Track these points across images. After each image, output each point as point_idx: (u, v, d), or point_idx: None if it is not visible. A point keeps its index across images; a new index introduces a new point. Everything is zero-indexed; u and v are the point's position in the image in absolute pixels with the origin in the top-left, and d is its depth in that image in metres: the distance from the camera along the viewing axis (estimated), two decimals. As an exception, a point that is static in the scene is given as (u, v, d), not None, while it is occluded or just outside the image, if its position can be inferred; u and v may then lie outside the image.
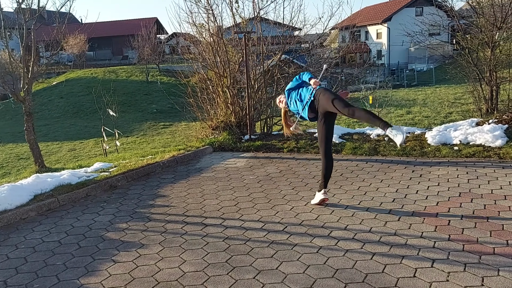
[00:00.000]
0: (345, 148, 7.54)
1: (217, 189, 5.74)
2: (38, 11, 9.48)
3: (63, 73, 46.66)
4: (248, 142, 8.30)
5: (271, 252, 3.81)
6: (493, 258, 3.52)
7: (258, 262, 3.63)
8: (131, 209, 5.11)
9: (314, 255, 3.71)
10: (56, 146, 20.27)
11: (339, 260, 3.60)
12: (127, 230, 4.48)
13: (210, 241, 4.09)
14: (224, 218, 4.68)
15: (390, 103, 15.59)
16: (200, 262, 3.68)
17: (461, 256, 3.57)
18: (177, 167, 7.02)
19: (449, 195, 5.07)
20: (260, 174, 6.40)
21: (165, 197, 5.50)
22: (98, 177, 6.11)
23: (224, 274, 3.46)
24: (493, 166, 6.11)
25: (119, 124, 25.41)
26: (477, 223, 4.23)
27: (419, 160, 6.72)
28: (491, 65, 8.22)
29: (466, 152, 6.76)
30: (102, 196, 5.70)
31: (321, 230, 4.24)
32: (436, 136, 7.36)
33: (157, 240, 4.18)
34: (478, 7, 8.41)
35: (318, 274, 3.39)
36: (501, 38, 8.06)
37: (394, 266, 3.45)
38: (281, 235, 4.16)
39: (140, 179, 6.43)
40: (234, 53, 9.03)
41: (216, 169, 6.82)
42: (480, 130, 7.26)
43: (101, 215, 4.96)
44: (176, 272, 3.53)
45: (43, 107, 33.37)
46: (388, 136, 4.22)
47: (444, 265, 3.44)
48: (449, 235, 4.00)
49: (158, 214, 4.91)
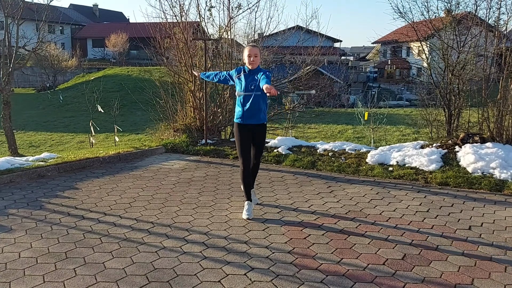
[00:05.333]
0: (287, 159, 7.63)
1: (129, 187, 6.00)
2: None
3: (103, 69, 48.34)
4: (201, 146, 8.53)
5: (114, 247, 4.02)
6: (310, 273, 3.59)
7: (93, 255, 3.86)
8: (34, 198, 5.45)
9: (150, 254, 3.90)
10: (70, 137, 21.18)
11: (167, 261, 3.76)
12: (12, 215, 4.81)
13: (72, 232, 4.35)
14: (107, 213, 4.93)
15: (387, 121, 15.38)
16: (42, 249, 3.95)
17: (283, 268, 3.66)
18: (116, 164, 7.34)
19: (338, 211, 5.11)
20: (184, 177, 6.61)
21: (76, 190, 5.81)
22: (31, 166, 6.50)
23: (52, 263, 3.70)
24: (411, 189, 6.07)
25: (137, 121, 26.30)
26: (333, 240, 4.28)
27: (347, 177, 6.73)
28: (449, 88, 8.09)
29: (397, 173, 6.71)
30: (23, 183, 6.08)
31: (181, 232, 4.41)
32: (375, 155, 7.33)
33: (26, 227, 4.48)
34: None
35: (133, 271, 3.57)
36: (458, 61, 7.91)
37: (193, 265, 3.58)
38: (140, 233, 4.36)
39: (72, 171, 6.78)
40: (202, 59, 9.27)
41: (149, 168, 7.08)
42: (419, 153, 7.18)
43: (4, 200, 5.32)
44: (12, 256, 3.81)
45: (74, 100, 34.75)
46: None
47: (257, 274, 3.54)
48: (293, 247, 4.08)
49: (53, 204, 5.22)
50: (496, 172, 6.37)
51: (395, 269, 3.68)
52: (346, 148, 8.02)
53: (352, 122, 20.44)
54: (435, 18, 8.84)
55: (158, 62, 10.17)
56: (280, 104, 14.93)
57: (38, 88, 43.92)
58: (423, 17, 8.68)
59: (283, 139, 8.78)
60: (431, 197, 5.67)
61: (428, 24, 8.60)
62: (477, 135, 7.40)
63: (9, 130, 9.48)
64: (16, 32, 9.62)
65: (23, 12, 9.42)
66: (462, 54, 7.98)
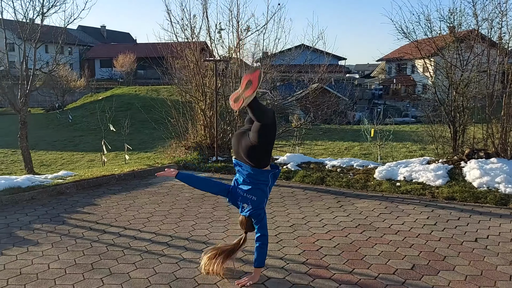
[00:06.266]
0: (296, 175, 7.84)
1: (146, 202, 6.23)
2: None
3: (111, 89, 48.95)
4: (212, 163, 8.76)
5: (137, 259, 4.24)
6: (324, 282, 3.78)
7: (118, 266, 4.07)
8: (56, 213, 5.68)
9: (171, 265, 4.11)
10: (80, 156, 21.49)
11: (188, 271, 3.97)
12: (37, 230, 5.05)
13: (95, 246, 4.57)
14: (126, 228, 5.15)
15: (393, 138, 15.54)
16: (69, 261, 4.17)
17: (298, 277, 3.85)
18: (131, 181, 7.59)
19: (348, 225, 5.30)
20: (198, 193, 6.83)
21: (95, 206, 6.05)
22: (50, 183, 6.76)
23: (80, 273, 3.92)
24: (419, 203, 6.25)
25: (145, 140, 26.64)
26: (345, 251, 4.47)
27: (356, 192, 6.93)
28: (454, 105, 8.32)
29: (404, 188, 6.90)
30: (44, 200, 6.33)
31: (198, 245, 4.62)
32: (383, 171, 7.54)
33: (52, 240, 4.70)
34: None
35: (156, 280, 3.78)
36: (461, 79, 8.15)
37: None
38: (160, 246, 4.58)
39: (90, 188, 7.03)
40: (212, 79, 9.58)
41: (164, 185, 7.32)
42: (425, 169, 7.38)
43: (28, 216, 5.56)
44: (42, 267, 4.03)
45: (83, 119, 35.22)
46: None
47: (274, 283, 3.73)
48: (307, 258, 4.27)
49: (75, 219, 5.45)
50: (501, 186, 6.55)
51: (405, 278, 3.87)
52: (354, 164, 8.23)
53: (358, 139, 20.62)
54: (439, 36, 9.12)
55: (169, 82, 10.47)
56: (287, 122, 15.20)
57: (47, 108, 44.52)
58: (427, 36, 8.96)
59: (292, 156, 9.02)
60: (438, 211, 5.85)
61: (432, 44, 8.87)
62: (482, 151, 7.60)
63: (26, 150, 9.79)
64: (34, 55, 10.03)
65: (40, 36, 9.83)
66: (465, 72, 8.22)
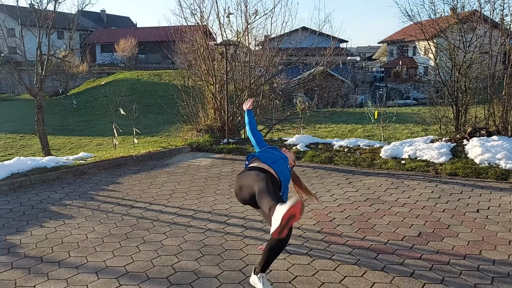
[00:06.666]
0: (305, 155, 8.19)
1: (165, 181, 6.60)
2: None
3: (113, 74, 49.04)
4: (224, 145, 9.12)
5: (166, 229, 4.62)
6: (339, 247, 4.16)
7: (150, 236, 4.45)
8: (84, 191, 6.06)
9: (198, 234, 4.49)
10: (88, 140, 21.86)
11: (214, 239, 4.35)
12: (69, 205, 5.43)
13: (125, 218, 4.95)
14: (151, 203, 5.53)
15: (396, 119, 15.87)
16: (105, 231, 4.55)
17: (315, 244, 4.23)
18: (148, 162, 7.95)
19: (357, 199, 5.68)
20: (213, 172, 7.20)
21: (118, 184, 6.43)
22: (73, 164, 7.13)
23: (116, 242, 4.30)
24: (423, 179, 6.61)
25: (150, 124, 26.98)
26: (356, 222, 4.85)
27: (363, 170, 7.29)
28: (457, 86, 8.63)
29: (409, 166, 7.26)
30: (69, 179, 6.70)
31: (221, 217, 5.00)
32: (388, 150, 7.89)
33: (85, 214, 5.08)
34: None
35: (187, 247, 4.17)
36: (464, 61, 8.45)
37: (237, 242, 4.16)
38: (186, 218, 4.96)
39: (110, 168, 7.40)
40: (223, 63, 9.87)
41: (180, 165, 7.68)
42: (429, 147, 7.73)
43: (58, 193, 5.94)
44: (81, 237, 4.41)
45: (87, 105, 35.51)
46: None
47: (293, 248, 4.11)
48: (322, 228, 4.65)
49: (102, 196, 5.83)
50: (501, 162, 6.90)
51: (412, 244, 4.24)
52: (360, 144, 8.58)
53: (361, 122, 20.96)
54: (441, 17, 9.37)
55: (178, 67, 10.76)
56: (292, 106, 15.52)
57: (50, 93, 44.74)
58: (430, 18, 9.23)
59: (300, 137, 9.38)
60: (441, 186, 6.21)
61: (435, 26, 9.14)
62: (483, 129, 7.94)
63: (43, 133, 10.14)
64: (48, 41, 10.31)
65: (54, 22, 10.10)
66: (468, 54, 8.51)
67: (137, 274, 3.63)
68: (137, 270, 3.69)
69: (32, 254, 4.03)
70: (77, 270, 3.69)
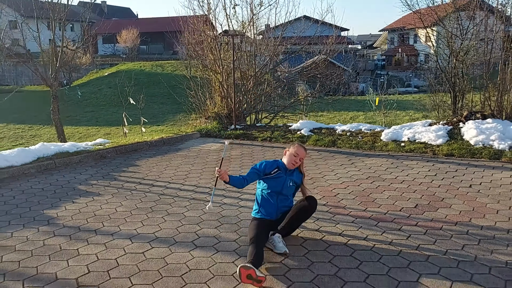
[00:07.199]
0: (309, 140, 8.65)
1: (180, 163, 7.08)
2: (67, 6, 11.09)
3: (115, 65, 49.34)
4: (232, 131, 9.58)
5: (186, 204, 5.10)
6: (343, 217, 4.64)
7: (172, 209, 4.94)
8: (106, 172, 6.55)
9: (216, 207, 4.97)
10: (95, 130, 22.34)
11: (231, 211, 4.83)
12: (95, 185, 5.91)
13: (148, 195, 5.44)
14: (170, 182, 6.01)
15: (397, 106, 16.29)
16: (131, 206, 5.04)
17: (321, 214, 4.71)
18: (161, 147, 8.43)
19: (359, 177, 6.15)
20: (224, 155, 7.66)
21: (137, 166, 6.91)
22: (93, 149, 7.61)
23: (143, 214, 4.79)
24: (421, 159, 7.07)
25: (155, 114, 27.43)
26: (358, 196, 5.33)
27: (365, 152, 7.76)
28: (454, 72, 9.06)
29: (408, 148, 7.72)
30: (91, 162, 7.19)
31: (235, 193, 5.48)
32: (389, 133, 8.35)
33: (111, 192, 5.57)
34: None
35: (207, 217, 4.65)
36: (461, 48, 8.87)
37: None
38: (203, 195, 5.44)
39: (127, 153, 7.88)
40: (229, 53, 10.31)
41: (192, 150, 8.16)
42: (427, 130, 8.18)
43: (82, 175, 6.43)
44: (111, 210, 4.90)
45: (92, 95, 35.94)
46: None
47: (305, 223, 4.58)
48: (327, 201, 5.13)
49: (124, 176, 6.31)
50: (495, 143, 7.35)
51: (409, 213, 4.72)
52: (362, 128, 9.04)
53: (362, 109, 21.40)
54: (440, 6, 9.77)
55: (189, 56, 11.18)
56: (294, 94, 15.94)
57: (54, 85, 45.11)
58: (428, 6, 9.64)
59: (304, 122, 9.83)
60: (438, 165, 6.68)
61: (434, 15, 9.55)
62: (478, 113, 8.39)
63: (58, 121, 10.61)
64: (62, 33, 10.74)
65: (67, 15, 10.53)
66: (465, 41, 8.93)
67: (166, 239, 4.12)
68: (165, 236, 4.18)
69: (70, 224, 4.52)
70: (112, 237, 4.18)
